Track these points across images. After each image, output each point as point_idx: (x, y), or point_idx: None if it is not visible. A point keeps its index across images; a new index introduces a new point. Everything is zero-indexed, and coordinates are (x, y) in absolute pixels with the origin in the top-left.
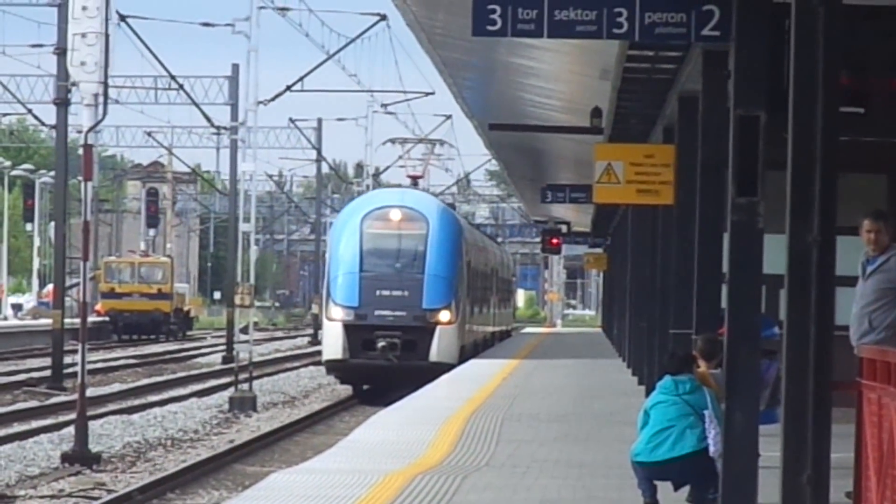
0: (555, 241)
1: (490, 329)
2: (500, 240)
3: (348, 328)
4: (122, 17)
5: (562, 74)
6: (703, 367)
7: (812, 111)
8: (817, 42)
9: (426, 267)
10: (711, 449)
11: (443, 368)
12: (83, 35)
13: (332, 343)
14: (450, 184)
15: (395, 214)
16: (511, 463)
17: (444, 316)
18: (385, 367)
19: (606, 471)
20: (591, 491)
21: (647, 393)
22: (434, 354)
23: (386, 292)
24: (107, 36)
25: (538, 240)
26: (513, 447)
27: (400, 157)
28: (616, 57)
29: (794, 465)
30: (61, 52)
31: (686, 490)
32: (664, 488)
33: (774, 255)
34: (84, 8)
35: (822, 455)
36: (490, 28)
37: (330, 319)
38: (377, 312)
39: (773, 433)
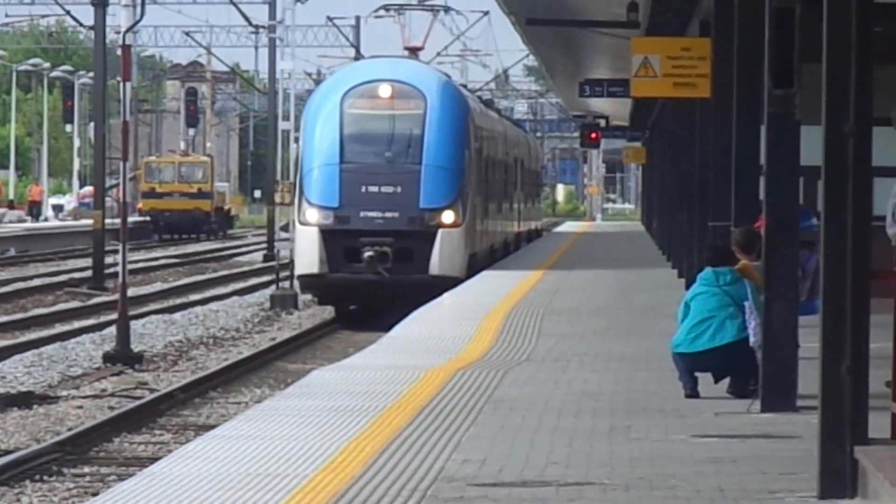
0: (593, 135)
1: (514, 229)
2: (538, 134)
3: (326, 235)
4: None
5: None
6: (744, 259)
7: (846, 1)
8: None
9: (424, 156)
10: (751, 339)
11: (447, 283)
12: None
13: (307, 253)
14: (488, 80)
15: (385, 90)
16: (552, 357)
17: (448, 217)
18: (374, 282)
19: (647, 363)
20: (632, 383)
21: (688, 286)
22: (435, 266)
23: (374, 188)
24: None
25: (577, 134)
26: (553, 341)
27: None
28: None
29: (833, 355)
30: None
31: (727, 382)
32: (705, 380)
33: (811, 146)
34: None
35: (861, 345)
36: None
37: (303, 224)
38: (363, 214)
39: (812, 324)
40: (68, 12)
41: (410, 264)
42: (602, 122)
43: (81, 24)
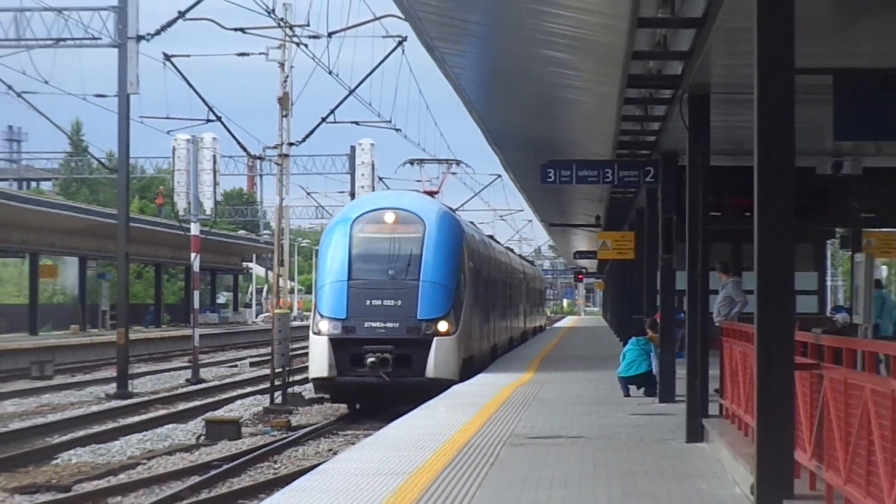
0: (580, 276)
1: (521, 326)
2: (553, 276)
3: (335, 343)
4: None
5: (577, 202)
6: (650, 333)
7: (696, 215)
8: (698, 182)
9: (422, 273)
10: (654, 370)
11: (442, 385)
12: None
13: (319, 359)
14: (530, 251)
15: (390, 216)
16: (557, 385)
17: (443, 326)
18: (376, 384)
19: (608, 382)
20: (598, 392)
21: (623, 345)
22: (431, 370)
23: (377, 302)
24: None
25: (572, 277)
26: (550, 378)
27: (420, 181)
28: (607, 190)
29: (692, 375)
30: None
31: (643, 389)
32: (633, 389)
33: (682, 280)
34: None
35: (704, 371)
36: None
37: (316, 334)
38: (367, 324)
39: (682, 362)
40: None
41: (409, 368)
42: (584, 270)
43: None
